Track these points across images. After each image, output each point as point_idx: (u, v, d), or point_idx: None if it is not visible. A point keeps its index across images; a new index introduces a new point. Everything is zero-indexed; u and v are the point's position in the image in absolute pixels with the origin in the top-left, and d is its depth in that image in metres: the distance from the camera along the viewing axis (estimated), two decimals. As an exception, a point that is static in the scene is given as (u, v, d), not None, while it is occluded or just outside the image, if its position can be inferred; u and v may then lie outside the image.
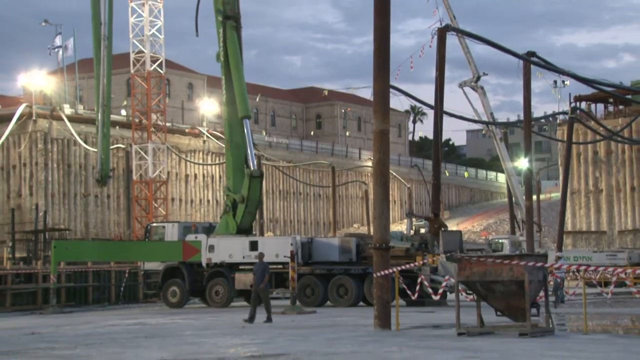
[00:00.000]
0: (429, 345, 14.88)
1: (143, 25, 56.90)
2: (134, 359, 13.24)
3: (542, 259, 18.62)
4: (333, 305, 30.04)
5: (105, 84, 42.58)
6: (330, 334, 17.87)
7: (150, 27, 57.06)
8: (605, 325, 20.32)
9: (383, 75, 19.98)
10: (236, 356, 13.63)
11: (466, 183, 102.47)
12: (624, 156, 59.86)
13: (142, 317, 26.95)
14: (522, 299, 16.50)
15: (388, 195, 20.65)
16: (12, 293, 34.95)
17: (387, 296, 19.20)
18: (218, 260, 32.09)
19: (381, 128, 20.23)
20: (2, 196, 59.57)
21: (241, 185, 33.53)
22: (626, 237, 58.48)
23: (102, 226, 60.66)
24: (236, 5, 34.74)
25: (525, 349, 14.04)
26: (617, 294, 31.46)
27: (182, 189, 66.91)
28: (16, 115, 57.41)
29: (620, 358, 12.83)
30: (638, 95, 59.17)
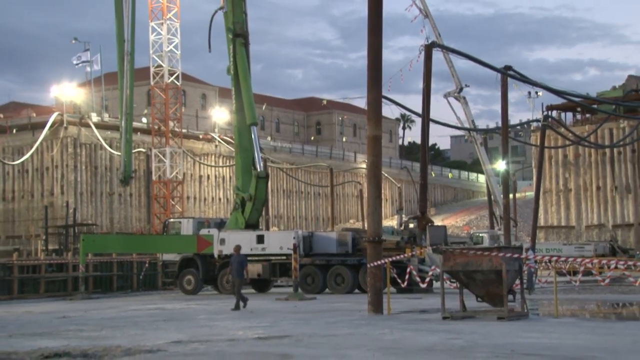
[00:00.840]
0: (417, 328, 14.92)
1: (162, 42, 56.90)
2: (154, 340, 13.27)
3: (518, 251, 18.68)
4: (331, 292, 30.00)
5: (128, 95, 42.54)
6: (329, 318, 17.91)
7: (168, 44, 57.05)
8: (573, 310, 20.39)
9: (376, 87, 20.00)
10: (245, 337, 13.66)
11: (450, 183, 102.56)
12: (591, 159, 59.91)
13: (160, 303, 26.97)
14: (500, 287, 16.55)
15: (380, 194, 20.70)
16: (45, 281, 34.96)
17: (379, 284, 19.21)
18: (228, 252, 31.93)
19: (374, 134, 20.24)
20: (36, 195, 59.61)
21: (249, 185, 33.50)
22: (592, 231, 58.53)
23: (125, 221, 60.64)
24: (245, 24, 34.73)
25: (503, 331, 14.09)
26: (585, 282, 31.49)
27: (196, 188, 66.90)
28: (49, 123, 57.45)
29: (587, 339, 12.87)
30: (603, 104, 59.32)
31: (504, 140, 41.74)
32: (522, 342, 12.12)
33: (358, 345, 11.98)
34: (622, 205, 58.71)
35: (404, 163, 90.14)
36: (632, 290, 28.97)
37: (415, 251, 27.60)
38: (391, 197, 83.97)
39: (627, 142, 56.86)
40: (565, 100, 55.25)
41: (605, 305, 23.15)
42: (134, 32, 43.14)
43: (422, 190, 36.19)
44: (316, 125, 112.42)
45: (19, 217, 59.96)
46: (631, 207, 58.27)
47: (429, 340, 12.53)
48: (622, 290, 29.51)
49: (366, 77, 19.92)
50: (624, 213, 58.59)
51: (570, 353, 10.83)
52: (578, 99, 56.99)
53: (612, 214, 58.97)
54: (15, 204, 60.68)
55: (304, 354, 10.94)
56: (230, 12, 34.31)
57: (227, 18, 34.43)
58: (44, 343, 12.94)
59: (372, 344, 12.14)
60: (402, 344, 12.09)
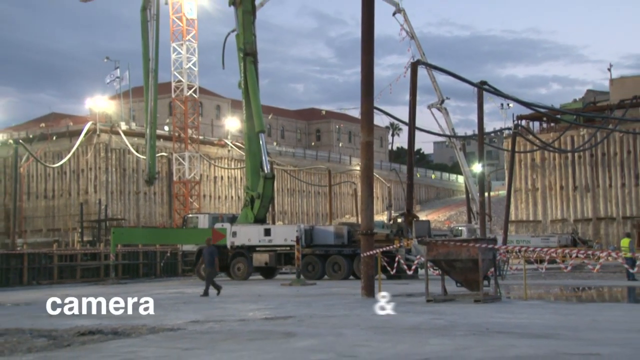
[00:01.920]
0: (404, 310, 14.90)
1: (182, 60, 56.84)
2: (175, 320, 13.26)
3: (492, 242, 18.68)
4: (329, 278, 29.96)
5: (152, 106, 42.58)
6: (327, 301, 17.90)
7: (187, 61, 56.98)
8: (540, 293, 20.38)
9: (368, 99, 19.95)
10: (254, 318, 13.66)
11: (433, 183, 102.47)
12: (555, 162, 59.85)
13: (180, 288, 26.95)
14: (476, 273, 16.54)
15: (372, 193, 20.67)
16: (81, 268, 34.99)
17: (371, 271, 19.18)
18: (239, 243, 32.05)
19: (367, 140, 20.19)
20: (73, 193, 59.64)
21: (257, 185, 33.45)
22: (556, 225, 58.48)
23: (149, 217, 60.61)
24: (254, 44, 34.68)
25: (479, 312, 14.09)
26: (550, 269, 31.47)
27: (211, 187, 66.84)
28: (84, 131, 57.46)
29: (551, 318, 12.87)
30: (565, 115, 59.38)
31: (480, 145, 41.71)
32: (496, 322, 12.11)
33: (353, 325, 11.97)
34: (582, 202, 58.70)
35: (393, 166, 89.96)
36: (591, 276, 28.96)
37: (403, 242, 27.57)
38: (382, 195, 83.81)
39: (586, 147, 56.87)
40: (533, 111, 55.24)
41: (567, 290, 23.15)
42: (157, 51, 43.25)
43: (408, 190, 36.15)
44: (316, 132, 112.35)
45: (58, 212, 59.98)
46: (589, 204, 58.26)
47: (414, 321, 12.53)
48: (582, 277, 29.54)
49: (359, 91, 19.87)
50: (584, 209, 58.60)
51: (537, 331, 10.82)
52: (544, 110, 57.11)
53: (573, 210, 58.95)
54: (55, 202, 60.71)
55: (305, 333, 10.93)
56: (241, 34, 34.31)
57: (239, 39, 34.43)
58: (79, 322, 12.90)
59: (365, 324, 12.13)
60: (391, 324, 12.07)
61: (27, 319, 14.48)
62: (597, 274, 28.85)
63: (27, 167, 60.18)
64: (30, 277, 32.28)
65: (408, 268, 24.73)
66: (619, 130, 53.76)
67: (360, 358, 8.30)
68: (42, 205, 61.27)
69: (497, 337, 10.04)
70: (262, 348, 9.30)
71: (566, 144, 58.26)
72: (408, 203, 34.74)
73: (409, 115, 37.16)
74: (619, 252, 25.17)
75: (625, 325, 11.87)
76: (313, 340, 10.05)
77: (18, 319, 14.33)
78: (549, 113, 59.00)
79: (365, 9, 19.81)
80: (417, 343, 9.54)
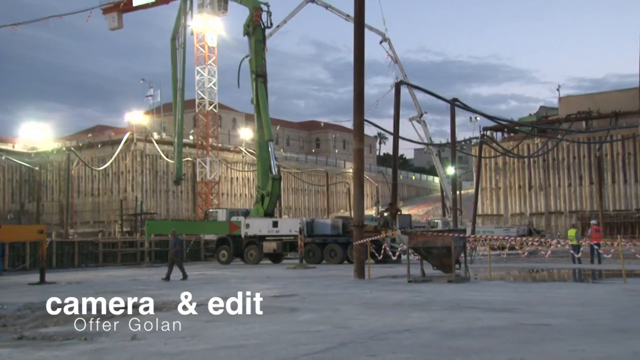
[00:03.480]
0: (389, 289, 14.91)
1: (204, 81, 56.73)
2: (199, 297, 13.22)
3: (462, 232, 18.69)
4: (327, 263, 30.00)
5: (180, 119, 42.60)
6: (325, 282, 17.90)
7: (209, 82, 56.91)
8: (502, 275, 20.37)
9: (359, 113, 19.94)
10: (264, 296, 13.60)
11: (413, 183, 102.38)
12: (514, 166, 59.72)
13: (203, 270, 27.01)
14: (449, 258, 16.55)
15: (362, 191, 20.68)
16: (121, 253, 35.01)
17: (362, 257, 19.19)
18: (252, 233, 32.05)
19: (358, 147, 20.21)
20: (114, 192, 59.48)
21: (267, 185, 33.44)
22: (515, 218, 58.35)
23: (177, 211, 60.46)
24: (264, 68, 34.67)
25: (451, 290, 14.08)
26: (510, 255, 31.51)
27: (228, 187, 66.67)
28: (123, 140, 57.42)
29: (511, 295, 12.85)
30: (522, 127, 59.41)
31: (453, 152, 41.77)
32: (465, 298, 12.11)
33: (346, 302, 11.96)
34: (536, 199, 58.65)
35: (380, 168, 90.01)
36: (543, 260, 28.94)
37: (389, 233, 27.56)
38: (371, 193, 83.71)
39: (540, 153, 56.83)
40: (496, 123, 55.32)
41: (524, 271, 23.11)
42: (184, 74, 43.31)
43: (393, 189, 36.19)
44: (315, 141, 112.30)
45: (102, 207, 59.88)
46: (542, 201, 58.21)
47: (398, 298, 12.52)
48: (536, 260, 29.51)
49: (352, 106, 19.84)
50: (537, 205, 58.54)
51: (500, 305, 10.81)
52: (505, 123, 57.19)
53: (529, 206, 58.89)
54: (100, 198, 60.60)
55: (307, 308, 10.91)
56: (253, 59, 34.31)
57: (251, 63, 34.43)
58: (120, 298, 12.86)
59: (356, 301, 12.12)
60: (379, 301, 12.06)
61: (77, 295, 14.40)
62: (549, 259, 28.84)
63: (77, 170, 60.07)
64: (80, 260, 32.30)
65: (393, 254, 24.73)
66: (566, 139, 53.76)
67: (353, 329, 8.28)
68: (89, 201, 61.16)
69: (466, 311, 10.03)
70: (271, 320, 9.29)
71: (523, 151, 58.20)
72: (393, 200, 34.77)
73: (393, 126, 37.22)
74: (566, 240, 25.19)
75: (571, 300, 11.87)
76: (313, 314, 10.04)
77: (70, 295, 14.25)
78: (509, 125, 59.13)
79: (357, 39, 19.81)
80: (400, 316, 9.53)
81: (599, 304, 11.16)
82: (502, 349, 6.76)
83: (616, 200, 54.00)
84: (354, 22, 20.23)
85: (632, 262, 19.56)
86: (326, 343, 7.13)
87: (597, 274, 20.08)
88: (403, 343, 7.17)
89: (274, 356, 6.41)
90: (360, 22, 19.98)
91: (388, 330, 8.12)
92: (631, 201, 51.97)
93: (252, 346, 6.88)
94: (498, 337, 7.51)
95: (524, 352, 6.58)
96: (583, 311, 10.10)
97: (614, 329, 8.20)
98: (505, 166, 60.28)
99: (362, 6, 19.78)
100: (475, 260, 27.38)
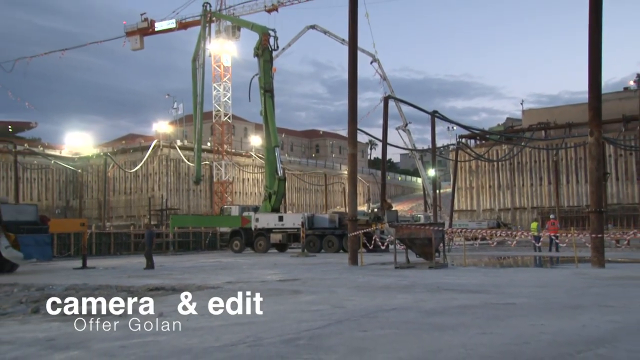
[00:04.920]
0: (378, 274, 14.90)
1: (220, 95, 56.81)
2: (215, 280, 13.24)
3: (441, 226, 18.67)
4: (325, 252, 29.96)
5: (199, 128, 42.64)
6: (324, 268, 17.87)
7: (224, 96, 56.99)
8: (475, 261, 20.37)
9: (353, 122, 19.90)
10: (271, 280, 13.61)
11: (400, 183, 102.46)
12: (485, 169, 59.69)
13: (218, 258, 26.98)
14: (430, 248, 16.53)
15: (356, 190, 20.67)
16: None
17: (356, 246, 19.15)
18: (261, 226, 31.98)
19: (352, 152, 20.22)
20: (144, 190, 59.53)
21: (273, 184, 33.39)
22: (486, 213, 58.28)
23: (196, 207, 60.49)
24: (271, 84, 34.60)
25: (432, 275, 14.05)
26: (481, 244, 31.55)
27: (240, 186, 66.67)
28: (151, 146, 57.55)
29: (482, 279, 12.84)
30: (492, 135, 59.39)
31: (433, 156, 41.72)
32: (444, 282, 12.09)
33: (342, 285, 11.94)
34: (504, 197, 58.66)
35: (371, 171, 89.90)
36: (509, 249, 28.99)
37: (378, 226, 27.58)
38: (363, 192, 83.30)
39: (507, 158, 56.84)
40: (470, 132, 55.36)
41: (493, 258, 23.12)
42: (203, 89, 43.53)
43: (382, 188, 36.17)
44: (315, 147, 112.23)
45: (133, 204, 59.91)
46: (509, 198, 58.23)
47: (386, 281, 12.50)
48: (503, 249, 29.55)
49: (347, 117, 19.82)
50: (505, 202, 58.55)
51: (473, 287, 10.79)
52: (477, 132, 57.19)
53: (498, 202, 58.90)
54: (131, 196, 60.61)
55: (308, 290, 10.89)
56: (262, 77, 34.28)
57: (261, 80, 34.39)
58: (149, 281, 12.87)
59: (350, 284, 12.10)
60: (370, 284, 12.04)
61: (112, 278, 14.45)
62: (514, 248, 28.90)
63: (112, 172, 60.06)
64: (115, 249, 32.30)
65: (382, 244, 24.74)
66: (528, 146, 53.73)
67: (348, 308, 8.26)
68: (122, 199, 61.15)
69: (444, 293, 10.01)
70: (277, 301, 9.26)
71: (493, 156, 58.19)
72: (382, 197, 34.75)
73: (382, 134, 37.22)
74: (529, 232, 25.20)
75: (532, 282, 11.86)
76: (314, 295, 10.01)
77: (107, 279, 14.30)
78: (480, 134, 59.12)
79: (351, 60, 19.80)
80: (388, 297, 9.51)
81: (555, 285, 11.15)
82: (475, 324, 6.75)
83: (570, 197, 54.08)
84: (348, 45, 20.20)
85: (583, 250, 19.55)
86: (324, 320, 7.12)
87: (554, 260, 20.08)
88: (390, 320, 7.16)
89: (280, 331, 6.40)
90: (354, 45, 19.96)
91: (377, 309, 8.10)
92: (582, 198, 51.99)
93: (261, 322, 6.88)
94: (471, 314, 7.50)
95: (493, 327, 6.58)
96: (542, 291, 10.09)
97: (567, 306, 8.20)
98: (477, 169, 60.30)
99: (355, 32, 19.78)
100: (452, 249, 27.40)
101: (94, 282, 13.03)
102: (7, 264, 17.52)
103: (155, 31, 55.56)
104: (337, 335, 6.18)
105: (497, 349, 5.43)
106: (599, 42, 15.84)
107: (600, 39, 15.86)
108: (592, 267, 15.50)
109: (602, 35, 15.87)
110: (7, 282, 13.35)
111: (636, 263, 18.09)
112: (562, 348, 5.45)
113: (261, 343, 5.78)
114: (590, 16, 15.83)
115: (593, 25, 15.83)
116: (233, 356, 5.30)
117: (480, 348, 5.48)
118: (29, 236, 17.86)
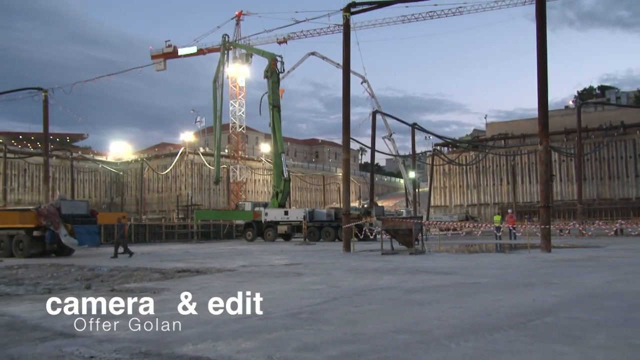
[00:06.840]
0: (368, 259, 14.88)
1: (236, 110, 56.81)
2: (232, 264, 13.21)
3: (420, 219, 18.63)
4: (323, 241, 29.84)
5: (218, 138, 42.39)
6: (322, 254, 17.84)
7: (239, 111, 57.00)
8: (447, 248, 20.35)
9: (346, 133, 19.86)
10: (278, 264, 13.58)
11: (385, 183, 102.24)
12: (456, 171, 59.48)
13: (234, 245, 26.92)
14: (411, 237, 16.51)
15: (349, 189, 20.63)
16: (177, 233, 34.89)
17: (349, 236, 19.09)
18: (269, 219, 31.87)
19: (346, 158, 20.22)
20: (173, 190, 59.32)
21: (280, 184, 33.29)
22: (457, 208, 58.19)
23: (216, 203, 60.26)
24: (278, 101, 34.46)
25: (412, 260, 14.03)
26: (453, 234, 31.53)
27: (252, 186, 66.43)
28: (179, 153, 57.47)
29: (454, 263, 12.80)
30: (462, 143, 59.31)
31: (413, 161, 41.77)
32: (422, 265, 12.07)
33: (337, 268, 11.92)
34: (471, 194, 58.56)
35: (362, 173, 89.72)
36: (475, 238, 28.93)
37: (368, 219, 27.56)
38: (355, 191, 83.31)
39: (474, 162, 56.81)
40: (443, 141, 55.36)
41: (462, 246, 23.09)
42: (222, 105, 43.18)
43: (371, 188, 36.16)
44: (315, 153, 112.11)
45: (164, 201, 59.74)
46: (476, 196, 58.11)
47: (374, 265, 12.48)
48: (471, 238, 29.50)
49: (341, 128, 19.78)
50: (472, 198, 58.42)
51: (446, 270, 10.77)
52: (449, 140, 57.11)
53: (467, 199, 58.75)
54: (162, 194, 60.47)
55: (309, 273, 10.87)
56: (271, 95, 34.15)
57: (269, 98, 34.25)
58: (177, 265, 12.85)
59: (344, 267, 12.08)
60: (361, 267, 12.03)
61: (148, 262, 14.41)
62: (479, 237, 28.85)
63: (147, 174, 59.90)
64: (150, 237, 32.29)
65: (371, 234, 24.68)
66: (491, 153, 53.81)
67: (342, 288, 8.25)
68: (155, 196, 60.97)
69: (423, 275, 10.00)
70: (283, 282, 9.25)
71: (462, 160, 58.06)
72: (370, 196, 34.77)
73: (371, 142, 37.22)
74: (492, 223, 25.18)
75: (494, 265, 11.84)
76: (314, 277, 10.00)
77: (143, 262, 14.27)
78: (452, 142, 59.02)
79: (345, 80, 19.79)
80: (375, 278, 9.50)
81: (512, 267, 11.14)
82: (447, 300, 6.75)
83: (525, 195, 54.13)
84: (342, 68, 20.18)
85: (534, 238, 19.55)
86: (323, 297, 7.11)
87: (512, 247, 20.08)
88: (377, 297, 7.15)
89: (286, 306, 6.40)
90: (347, 68, 19.96)
91: (367, 288, 8.10)
92: (534, 196, 52.03)
93: (269, 300, 6.86)
94: (444, 292, 7.50)
95: (462, 302, 6.58)
96: (502, 273, 10.08)
97: (521, 284, 8.20)
98: (450, 171, 60.13)
99: (348, 58, 19.81)
100: (429, 238, 27.42)
101: (133, 265, 13.04)
102: (66, 249, 18.41)
103: (178, 55, 55.79)
104: (333, 310, 6.17)
105: (466, 320, 5.45)
106: (545, 70, 16.12)
107: (546, 68, 16.17)
108: (541, 252, 15.54)
109: (547, 64, 16.16)
110: (66, 263, 13.83)
111: (575, 248, 18.13)
112: (517, 318, 5.49)
113: (270, 316, 5.77)
114: (538, 50, 16.19)
115: (540, 57, 16.15)
116: (246, 326, 5.30)
117: (452, 319, 5.50)
118: (81, 226, 18.40)
